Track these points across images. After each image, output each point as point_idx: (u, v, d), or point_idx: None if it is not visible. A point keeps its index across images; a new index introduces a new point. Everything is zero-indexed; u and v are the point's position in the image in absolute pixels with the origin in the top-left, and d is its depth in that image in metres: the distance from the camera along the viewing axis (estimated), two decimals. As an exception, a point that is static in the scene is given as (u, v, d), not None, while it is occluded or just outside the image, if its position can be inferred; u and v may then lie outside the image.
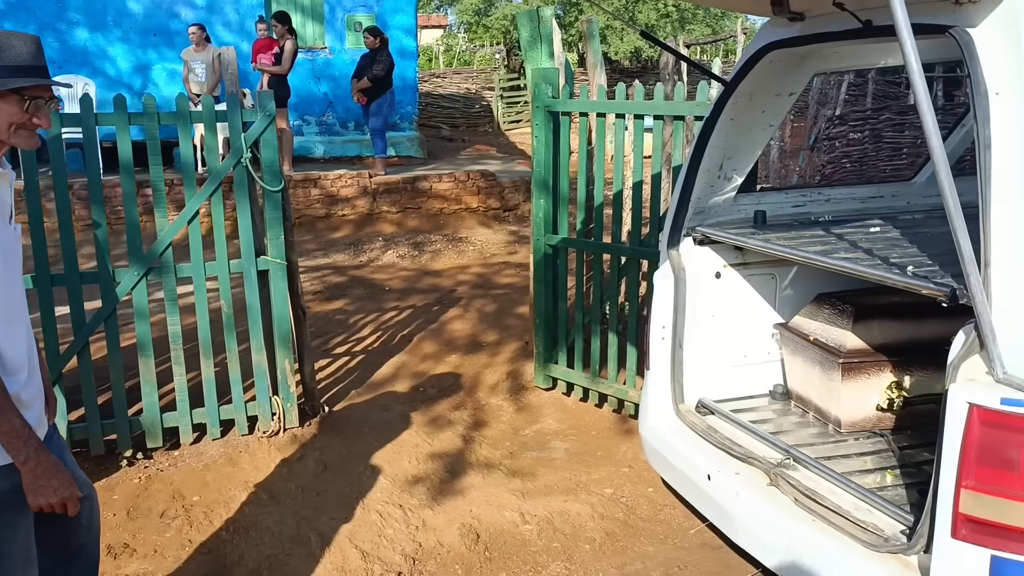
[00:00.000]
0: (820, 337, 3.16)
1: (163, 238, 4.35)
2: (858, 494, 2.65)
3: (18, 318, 2.25)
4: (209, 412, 4.54)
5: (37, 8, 11.77)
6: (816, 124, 3.72)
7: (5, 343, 2.17)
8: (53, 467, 2.16)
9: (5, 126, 2.12)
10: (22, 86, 2.09)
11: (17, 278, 2.26)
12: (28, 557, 2.26)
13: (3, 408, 2.08)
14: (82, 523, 2.49)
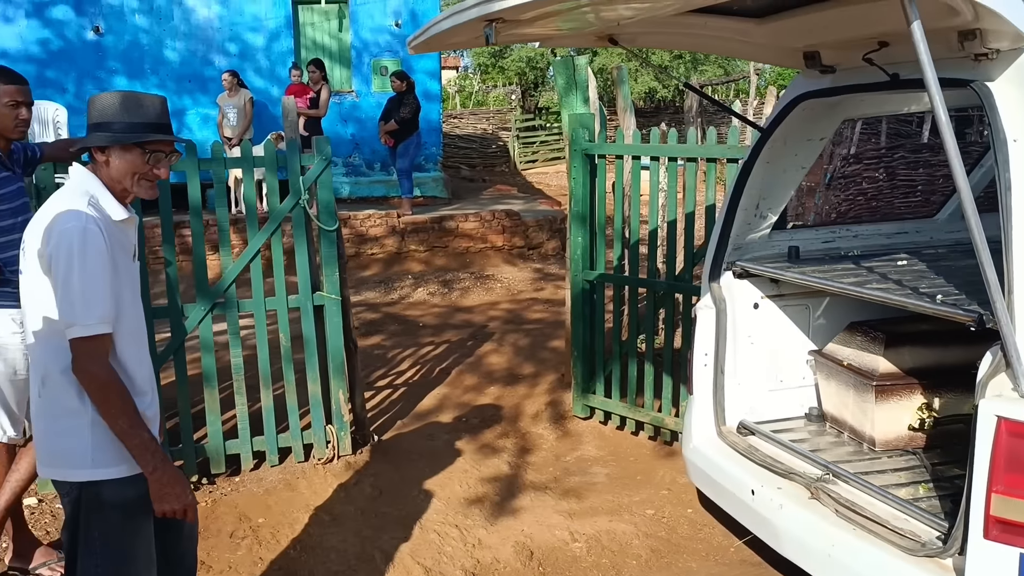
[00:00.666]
0: (854, 362, 3.41)
1: (227, 275, 4.64)
2: (895, 504, 2.88)
3: (144, 344, 2.54)
4: (268, 440, 4.79)
5: (79, 57, 12.25)
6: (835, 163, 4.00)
7: (134, 366, 2.45)
8: (177, 477, 2.42)
9: (129, 176, 2.42)
10: (146, 141, 2.40)
11: (141, 309, 2.55)
12: (149, 560, 2.52)
13: (135, 424, 2.35)
14: (185, 534, 2.75)
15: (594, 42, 3.36)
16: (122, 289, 2.39)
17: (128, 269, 2.46)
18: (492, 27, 2.51)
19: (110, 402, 2.31)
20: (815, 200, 3.97)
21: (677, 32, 3.32)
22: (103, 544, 2.41)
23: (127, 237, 2.46)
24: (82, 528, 2.42)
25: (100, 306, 2.29)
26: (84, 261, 2.26)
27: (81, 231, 2.26)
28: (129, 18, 12.38)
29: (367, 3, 13.15)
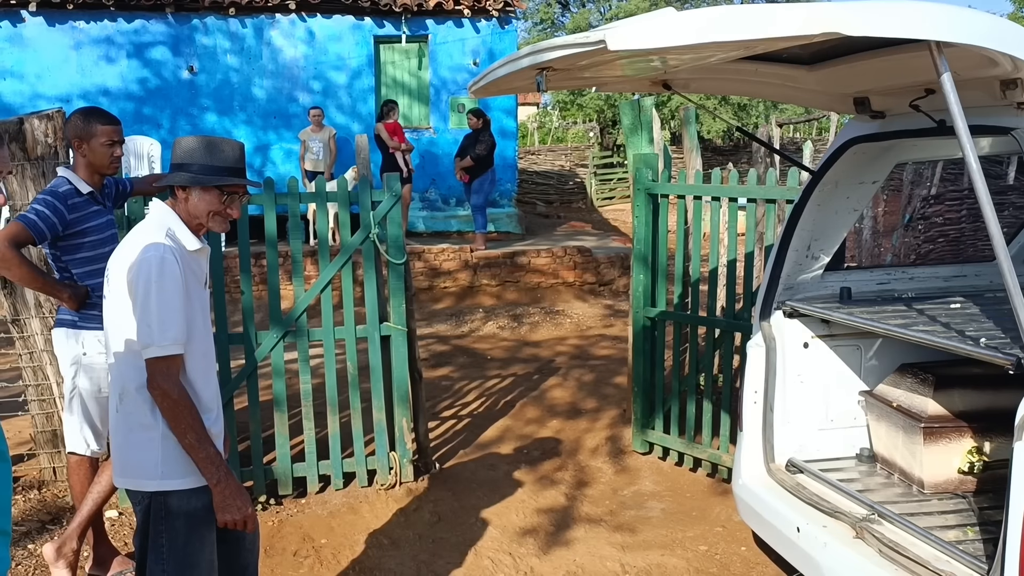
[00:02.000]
0: (903, 404, 3.43)
1: (299, 304, 4.86)
2: (938, 546, 2.89)
3: (212, 366, 2.74)
4: (334, 465, 4.98)
5: (174, 95, 12.89)
6: (896, 206, 4.02)
7: (202, 385, 2.65)
8: (239, 490, 2.60)
9: (205, 213, 2.64)
10: (223, 183, 2.62)
11: (210, 333, 2.76)
12: (212, 568, 2.70)
13: (202, 439, 2.54)
14: (246, 545, 2.92)
15: (648, 87, 3.49)
16: (194, 314, 2.59)
17: (200, 296, 2.67)
18: (543, 75, 2.66)
19: (179, 418, 2.51)
20: (870, 242, 4.00)
21: (729, 78, 3.43)
22: (170, 550, 2.60)
23: (200, 266, 2.68)
24: (151, 535, 2.61)
25: (173, 329, 2.49)
26: (161, 287, 2.47)
27: (159, 260, 2.48)
28: (221, 58, 12.98)
29: (446, 42, 13.52)
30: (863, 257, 4.06)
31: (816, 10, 2.12)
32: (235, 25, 12.94)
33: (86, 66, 12.68)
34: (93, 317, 3.68)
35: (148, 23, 12.73)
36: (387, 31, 13.37)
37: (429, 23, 13.44)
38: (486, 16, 13.49)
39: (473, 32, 13.57)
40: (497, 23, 13.57)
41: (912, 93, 3.02)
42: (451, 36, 13.53)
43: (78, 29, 12.61)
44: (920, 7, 2.20)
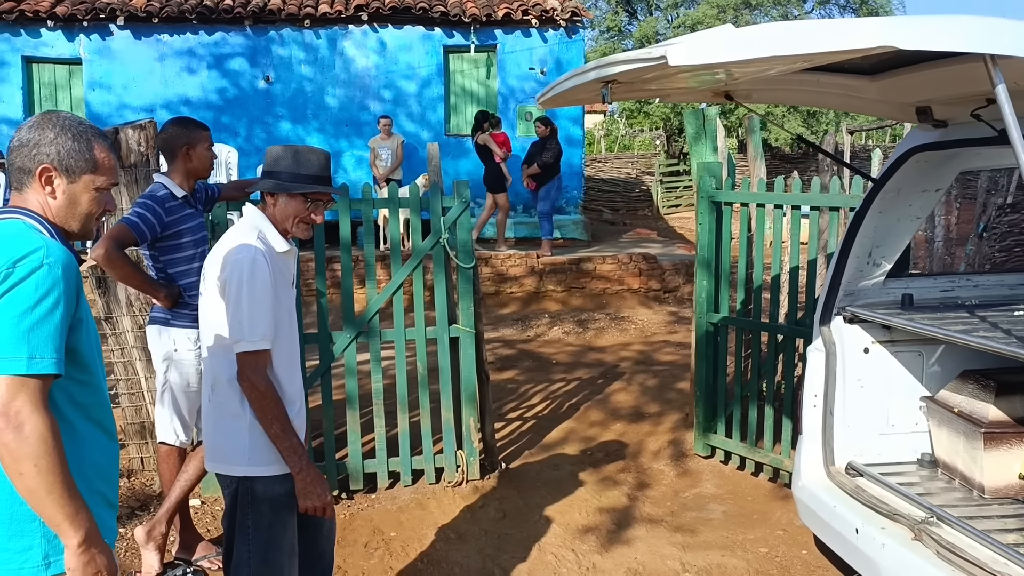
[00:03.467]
0: (964, 409, 3.46)
1: (372, 306, 5.06)
2: (996, 549, 2.93)
3: (296, 362, 2.93)
4: (403, 462, 5.16)
5: (250, 103, 13.33)
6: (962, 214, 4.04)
7: (287, 379, 2.83)
8: (319, 478, 2.78)
9: (291, 218, 2.83)
10: (308, 191, 2.80)
11: (296, 330, 2.95)
12: (292, 551, 2.88)
13: (287, 429, 2.72)
14: (324, 533, 3.10)
15: (710, 98, 3.59)
16: (281, 312, 2.78)
17: (287, 295, 2.86)
18: (608, 88, 2.78)
19: (266, 409, 2.70)
20: (940, 249, 4.03)
21: (790, 88, 3.51)
22: (255, 531, 2.79)
23: (288, 267, 2.87)
24: (238, 517, 2.81)
25: (262, 326, 2.68)
26: (252, 287, 2.66)
27: (251, 261, 2.67)
28: (296, 68, 13.38)
29: (514, 52, 13.72)
30: (929, 264, 4.09)
31: (871, 24, 2.21)
32: (310, 36, 13.33)
33: (169, 77, 13.19)
34: (184, 315, 3.92)
35: (228, 35, 13.20)
36: (456, 41, 13.63)
37: (497, 33, 13.66)
38: (553, 26, 13.65)
39: (540, 42, 13.74)
40: (564, 32, 13.72)
41: (973, 103, 3.08)
42: (519, 46, 13.72)
43: (162, 42, 13.13)
44: (973, 21, 2.27)
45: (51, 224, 2.05)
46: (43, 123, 2.04)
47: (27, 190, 2.04)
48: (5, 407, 1.80)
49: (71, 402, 2.00)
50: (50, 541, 1.96)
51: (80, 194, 2.07)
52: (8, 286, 1.84)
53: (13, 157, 2.03)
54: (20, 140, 2.03)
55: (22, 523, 1.94)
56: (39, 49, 13.03)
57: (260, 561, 2.80)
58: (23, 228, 1.97)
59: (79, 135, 2.05)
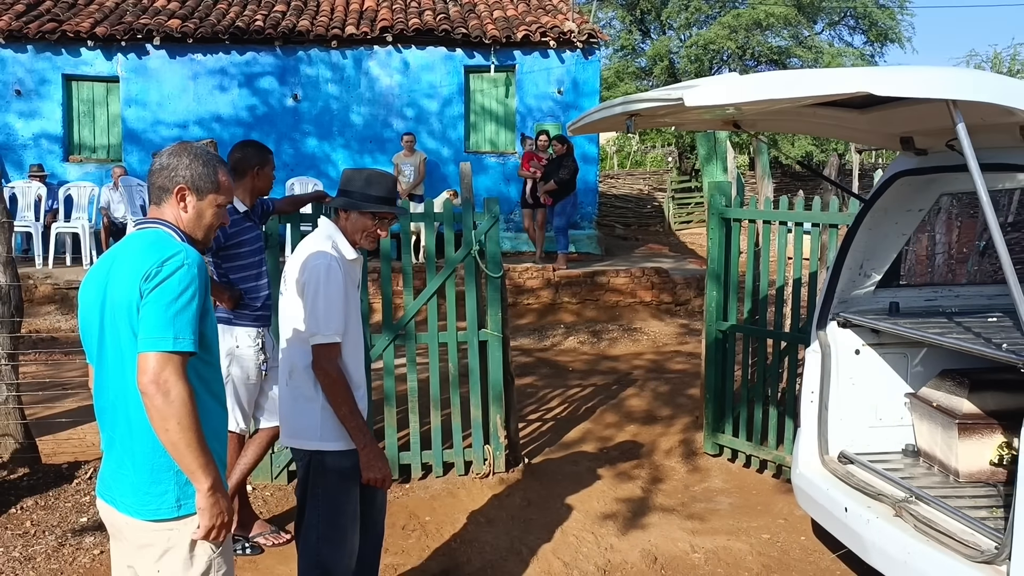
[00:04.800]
0: (942, 404, 3.91)
1: (409, 311, 5.53)
2: (966, 522, 3.37)
3: (361, 353, 3.39)
4: (435, 454, 5.62)
5: (279, 121, 13.90)
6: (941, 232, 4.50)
7: (354, 368, 3.30)
8: (380, 453, 3.24)
9: (359, 231, 3.30)
10: (374, 210, 3.27)
11: (361, 326, 3.41)
12: (355, 517, 3.33)
13: (353, 411, 3.19)
14: (378, 505, 3.56)
15: (721, 127, 4.07)
16: (349, 311, 3.25)
17: (354, 296, 3.33)
18: (632, 120, 3.26)
19: (336, 393, 3.16)
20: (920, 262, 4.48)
21: (791, 119, 3.99)
22: (324, 499, 3.25)
23: (355, 272, 3.34)
24: (310, 486, 3.28)
25: (335, 321, 3.16)
26: (328, 288, 3.14)
27: (326, 267, 3.15)
28: (323, 87, 13.94)
29: (532, 72, 14.24)
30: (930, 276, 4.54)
31: (852, 74, 2.69)
32: (336, 56, 13.89)
33: (202, 95, 13.76)
34: (245, 316, 4.40)
35: (258, 55, 13.78)
36: (476, 61, 14.16)
37: (516, 54, 14.19)
38: (571, 47, 14.17)
39: (558, 62, 14.26)
40: (581, 54, 14.24)
41: (948, 134, 3.53)
42: (537, 66, 14.24)
43: (196, 61, 13.71)
44: (936, 72, 2.74)
45: (182, 232, 2.53)
46: (180, 152, 2.53)
47: (164, 205, 2.52)
48: (156, 376, 2.27)
49: (197, 377, 2.47)
50: (181, 488, 2.42)
51: (205, 209, 2.55)
52: (159, 280, 2.32)
53: (154, 179, 2.52)
54: (161, 165, 2.52)
55: (161, 472, 2.42)
56: (79, 67, 13.62)
57: (328, 524, 3.26)
58: (164, 235, 2.45)
59: (208, 162, 2.53)
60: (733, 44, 25.75)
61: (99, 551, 4.43)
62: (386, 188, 3.31)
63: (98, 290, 2.45)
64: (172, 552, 2.44)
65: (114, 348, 2.41)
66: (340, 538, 3.24)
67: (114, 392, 2.45)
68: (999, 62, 28.58)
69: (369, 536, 3.56)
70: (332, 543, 3.24)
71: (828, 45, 27.90)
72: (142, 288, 2.33)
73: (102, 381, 2.50)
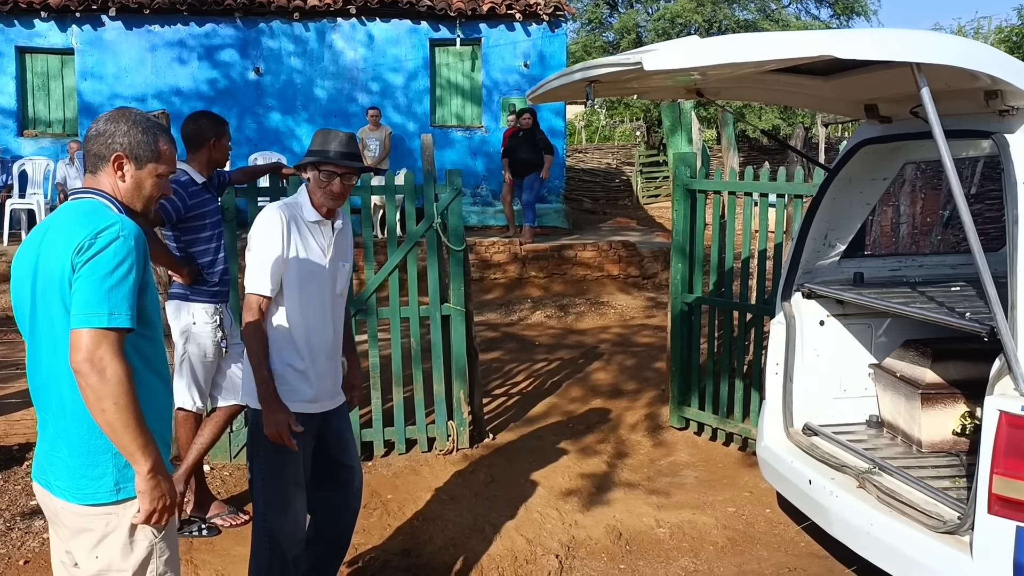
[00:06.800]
0: (905, 374, 3.88)
1: (369, 286, 5.43)
2: (928, 493, 3.35)
3: (315, 318, 3.26)
4: (397, 431, 5.54)
5: (241, 94, 13.63)
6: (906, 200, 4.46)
7: (298, 329, 3.21)
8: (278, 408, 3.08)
9: (317, 190, 3.19)
10: (312, 163, 3.15)
11: (325, 292, 3.27)
12: (297, 482, 3.22)
13: (259, 364, 3.11)
14: (353, 492, 3.48)
15: (684, 95, 3.99)
16: (301, 271, 3.14)
17: (315, 258, 3.19)
18: (591, 87, 3.17)
19: (248, 344, 3.11)
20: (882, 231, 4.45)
21: (755, 87, 3.91)
22: (264, 460, 3.18)
23: (320, 236, 3.22)
24: (253, 447, 3.23)
25: (260, 275, 3.09)
26: (261, 242, 3.12)
27: (266, 223, 3.13)
28: (286, 60, 13.68)
29: (498, 45, 14.07)
30: (879, 246, 4.50)
31: (815, 37, 2.61)
32: (299, 29, 13.62)
33: (160, 67, 13.45)
34: (203, 292, 4.28)
35: (218, 27, 13.47)
36: (442, 35, 13.96)
37: (482, 27, 14.00)
38: (537, 20, 14.01)
39: (524, 35, 14.09)
40: (547, 27, 14.08)
41: (912, 101, 3.47)
42: (503, 39, 14.07)
43: (153, 32, 13.39)
44: (901, 35, 2.67)
45: (119, 203, 2.41)
46: (118, 117, 2.40)
47: (101, 173, 2.40)
48: (90, 354, 2.16)
49: (137, 353, 2.35)
50: (120, 471, 2.32)
51: (145, 179, 2.43)
52: (92, 253, 2.20)
53: (90, 145, 2.39)
54: (97, 131, 2.39)
55: (98, 455, 2.31)
56: (32, 39, 13.25)
57: (270, 488, 3.19)
58: (99, 206, 2.33)
59: (147, 129, 2.41)
60: (700, 17, 25.63)
61: (48, 535, 4.31)
62: (336, 142, 3.19)
63: (30, 263, 2.33)
64: (111, 537, 2.34)
65: (46, 324, 2.30)
66: (282, 502, 3.18)
67: (47, 371, 2.33)
68: (963, 35, 28.72)
69: (343, 521, 3.49)
70: (275, 507, 3.18)
71: (795, 18, 27.84)
72: (74, 261, 2.21)
73: (35, 359, 2.38)
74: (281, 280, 3.13)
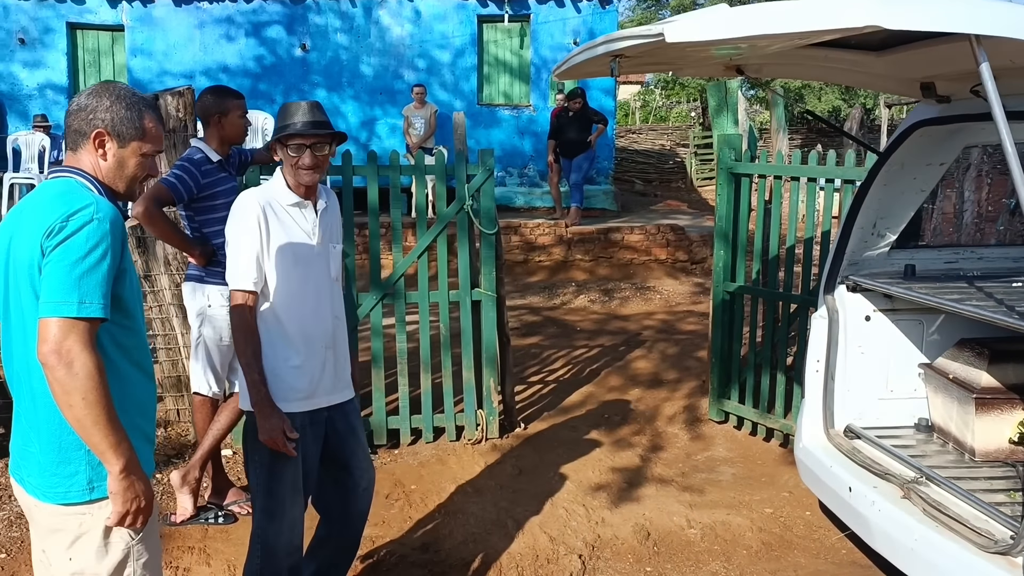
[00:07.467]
0: (959, 376, 3.59)
1: (397, 269, 5.26)
2: (979, 507, 3.08)
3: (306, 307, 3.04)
4: (425, 419, 5.38)
5: (287, 71, 13.56)
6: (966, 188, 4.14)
7: (288, 320, 3.00)
8: (272, 412, 2.89)
9: (288, 168, 2.96)
10: (278, 137, 2.93)
11: (317, 277, 3.07)
12: (295, 487, 3.02)
13: (251, 364, 2.90)
14: (360, 493, 3.29)
15: (722, 72, 3.72)
16: (286, 259, 2.94)
17: (299, 243, 2.98)
18: (616, 62, 2.94)
19: (238, 342, 2.92)
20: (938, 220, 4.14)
21: (799, 63, 3.63)
22: (260, 465, 2.99)
23: (304, 218, 3.01)
24: (248, 451, 3.06)
25: (239, 268, 2.89)
26: (235, 234, 2.92)
27: (240, 211, 2.92)
28: (332, 36, 13.56)
29: (548, 22, 13.78)
30: (934, 236, 4.21)
31: (857, 4, 2.34)
32: (346, 5, 13.49)
33: (208, 45, 13.44)
34: (218, 273, 4.13)
35: (265, 4, 13.41)
36: (490, 11, 13.71)
37: (531, 3, 13.71)
38: (587, -4, 13.70)
39: (574, 12, 13.77)
40: (598, 3, 13.75)
41: (973, 79, 3.17)
42: (552, 16, 13.77)
43: (202, 10, 13.37)
44: (956, 2, 2.39)
45: (100, 183, 2.25)
46: (101, 91, 2.24)
47: (81, 151, 2.24)
48: (58, 346, 2.01)
49: (115, 344, 2.21)
50: (94, 468, 2.18)
51: (128, 158, 2.27)
52: (62, 237, 2.04)
53: (71, 120, 2.24)
54: (79, 105, 2.23)
55: (70, 451, 2.17)
56: (83, 16, 13.32)
57: (265, 492, 3.01)
58: (75, 186, 2.17)
59: (132, 105, 2.24)
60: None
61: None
62: (297, 114, 2.94)
63: (3, 247, 2.19)
64: (85, 539, 2.21)
65: (17, 312, 2.16)
66: (279, 509, 3.00)
67: (19, 361, 2.20)
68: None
69: (352, 520, 3.33)
70: (270, 515, 3.00)
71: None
72: (44, 245, 2.06)
73: (9, 347, 2.24)
74: (266, 271, 2.93)
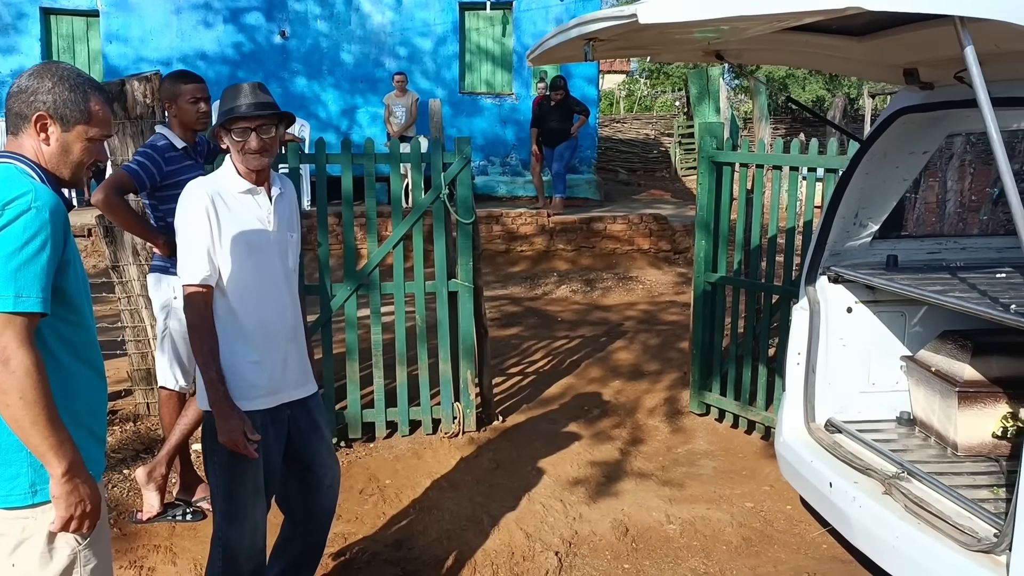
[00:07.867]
0: (941, 368, 3.52)
1: (372, 259, 5.15)
2: (962, 504, 3.01)
3: (264, 299, 2.90)
4: (400, 412, 5.27)
5: (266, 59, 13.38)
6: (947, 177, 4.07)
7: (245, 314, 2.86)
8: (229, 414, 2.76)
9: (236, 153, 2.83)
10: (222, 123, 2.80)
11: (274, 268, 2.94)
12: (256, 490, 2.90)
13: (208, 363, 2.76)
14: (324, 491, 3.18)
15: (700, 57, 3.62)
16: (239, 250, 2.81)
17: (252, 231, 2.85)
18: (590, 45, 2.83)
19: (193, 341, 2.79)
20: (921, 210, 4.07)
21: (779, 49, 3.53)
22: (220, 467, 2.87)
23: (256, 206, 2.88)
24: (207, 452, 2.93)
25: (191, 263, 2.76)
26: (182, 227, 2.79)
27: (185, 205, 2.78)
28: (312, 24, 13.39)
29: (530, 10, 13.65)
30: (917, 226, 4.13)
31: (839, -14, 2.24)
32: (325, -9, 13.32)
33: (185, 31, 13.24)
34: (182, 265, 4.02)
35: (243, -11, 13.22)
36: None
37: (514, -10, 13.60)
38: (571, -17, 13.57)
39: (557, 0, 13.65)
40: (581, -10, 13.64)
41: (957, 64, 3.08)
42: (535, 3, 13.64)
43: (178, -6, 13.18)
44: (941, -17, 2.30)
45: (43, 170, 2.13)
46: (42, 72, 2.12)
47: (22, 135, 2.12)
48: (-8, 343, 1.90)
49: (60, 340, 2.09)
50: (37, 471, 2.06)
51: (73, 143, 2.15)
52: None
53: (11, 103, 2.11)
54: (19, 87, 2.11)
55: (10, 453, 2.05)
56: (57, 1, 13.10)
57: (225, 495, 2.89)
58: (14, 172, 2.05)
59: (76, 86, 2.12)
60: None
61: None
62: (239, 97, 2.81)
63: None
64: (27, 544, 2.09)
65: (-44, 307, 2.04)
66: (240, 512, 2.88)
67: (-42, 358, 2.07)
68: None
69: (314, 519, 3.21)
70: (231, 518, 2.88)
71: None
72: None
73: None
74: (219, 264, 2.80)
